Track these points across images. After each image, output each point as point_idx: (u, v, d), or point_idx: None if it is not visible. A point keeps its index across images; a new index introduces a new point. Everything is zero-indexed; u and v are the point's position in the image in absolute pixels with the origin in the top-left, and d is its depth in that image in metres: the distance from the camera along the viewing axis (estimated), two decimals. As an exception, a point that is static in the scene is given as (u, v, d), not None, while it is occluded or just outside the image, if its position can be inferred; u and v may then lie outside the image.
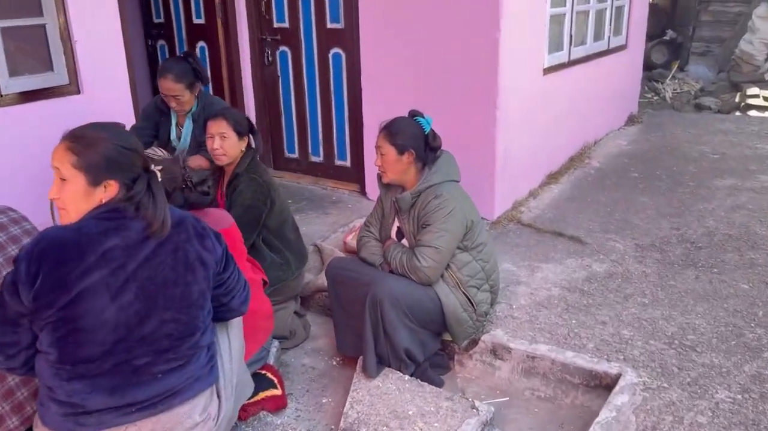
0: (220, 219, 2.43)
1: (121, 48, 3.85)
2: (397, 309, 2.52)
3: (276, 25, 4.63)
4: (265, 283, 2.68)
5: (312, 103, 4.66)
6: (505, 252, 3.59)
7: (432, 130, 2.66)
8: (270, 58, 4.72)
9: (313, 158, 4.81)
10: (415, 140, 2.62)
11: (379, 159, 2.65)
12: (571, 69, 4.80)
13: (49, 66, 3.59)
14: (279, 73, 4.74)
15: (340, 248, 3.65)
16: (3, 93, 3.34)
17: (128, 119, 3.60)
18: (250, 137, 2.91)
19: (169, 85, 3.22)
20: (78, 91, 3.71)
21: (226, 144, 2.86)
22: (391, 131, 2.61)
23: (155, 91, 5.24)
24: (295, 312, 3.15)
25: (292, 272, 3.03)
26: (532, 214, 4.13)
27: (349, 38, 4.26)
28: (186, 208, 2.32)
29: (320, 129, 4.69)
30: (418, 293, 2.58)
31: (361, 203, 4.39)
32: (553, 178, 4.72)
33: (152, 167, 1.76)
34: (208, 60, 4.85)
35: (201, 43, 4.86)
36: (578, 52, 4.91)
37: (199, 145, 3.31)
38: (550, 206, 4.27)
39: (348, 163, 4.63)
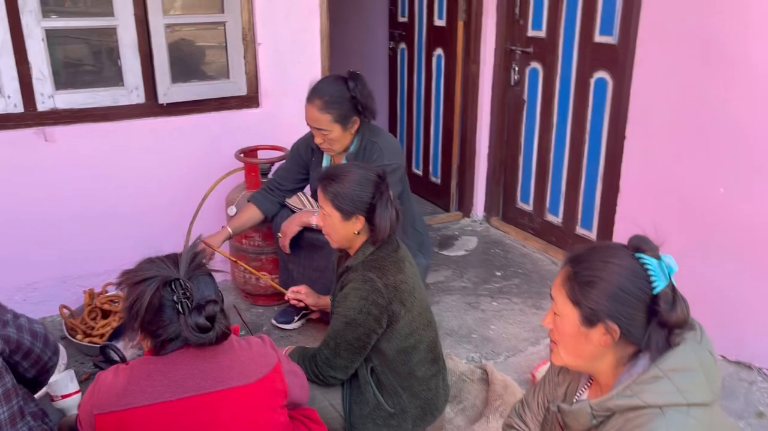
0: (241, 369, 1.42)
1: (316, 53, 3.12)
2: None
3: (530, 33, 3.42)
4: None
5: (559, 144, 3.36)
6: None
7: (671, 287, 1.21)
8: (517, 77, 3.54)
9: (550, 217, 3.51)
10: (625, 303, 1.21)
11: (549, 318, 1.35)
12: None
13: (224, 72, 3.03)
14: (525, 98, 3.53)
15: (524, 381, 2.40)
16: (162, 101, 2.86)
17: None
18: (378, 212, 1.85)
19: (314, 115, 2.34)
20: (256, 104, 3.10)
21: (328, 224, 1.89)
22: (579, 274, 1.26)
23: (392, 105, 4.49)
24: (413, 483, 2.06)
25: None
26: None
27: (621, 59, 2.86)
28: (178, 344, 1.42)
29: (564, 180, 3.36)
30: None
31: (595, 301, 2.98)
32: None
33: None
34: (443, 73, 3.86)
35: (438, 51, 3.89)
36: None
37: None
38: None
39: (593, 234, 3.23)
